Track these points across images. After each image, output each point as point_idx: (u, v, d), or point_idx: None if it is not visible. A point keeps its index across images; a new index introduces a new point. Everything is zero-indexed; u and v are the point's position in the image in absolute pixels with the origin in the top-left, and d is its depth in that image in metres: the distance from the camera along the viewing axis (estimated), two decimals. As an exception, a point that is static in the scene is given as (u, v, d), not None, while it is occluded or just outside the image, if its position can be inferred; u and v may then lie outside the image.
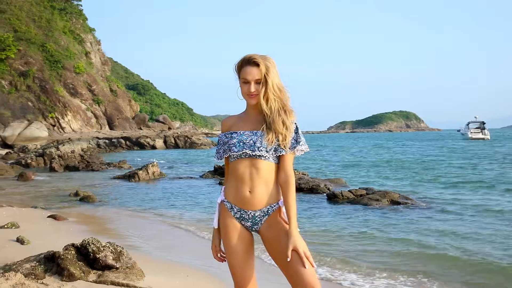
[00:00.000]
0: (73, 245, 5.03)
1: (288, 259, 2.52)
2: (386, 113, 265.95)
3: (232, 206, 2.70)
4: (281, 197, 2.70)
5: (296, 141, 2.70)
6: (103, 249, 5.01)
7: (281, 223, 2.67)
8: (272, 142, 2.62)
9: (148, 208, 11.86)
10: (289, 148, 2.67)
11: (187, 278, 5.60)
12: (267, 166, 2.65)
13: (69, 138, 44.45)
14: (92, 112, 63.74)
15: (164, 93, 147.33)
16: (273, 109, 2.65)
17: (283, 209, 2.69)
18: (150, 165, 19.62)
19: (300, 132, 2.73)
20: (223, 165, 2.56)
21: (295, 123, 2.72)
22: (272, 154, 2.65)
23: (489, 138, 70.59)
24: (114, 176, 19.62)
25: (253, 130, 2.69)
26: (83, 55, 71.87)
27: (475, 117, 76.91)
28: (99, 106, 65.46)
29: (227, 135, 2.75)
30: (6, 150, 36.80)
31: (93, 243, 5.01)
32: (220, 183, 18.60)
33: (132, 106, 76.19)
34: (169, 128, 74.73)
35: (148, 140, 52.02)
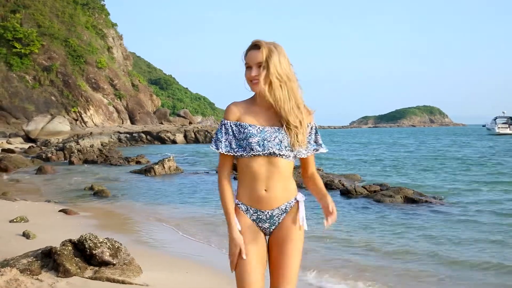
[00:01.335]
0: (70, 240, 5.03)
1: (331, 209, 2.51)
2: (409, 107, 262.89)
3: (247, 208, 2.53)
4: (297, 192, 2.59)
5: (317, 143, 2.61)
6: (100, 245, 5.01)
7: (294, 226, 2.53)
8: (300, 143, 2.50)
9: (160, 204, 11.87)
10: (312, 150, 2.58)
11: (186, 275, 5.58)
12: (286, 164, 2.50)
13: (90, 133, 45.03)
14: (114, 106, 64.48)
15: (186, 88, 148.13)
16: (279, 98, 2.45)
17: (300, 205, 2.57)
18: (166, 159, 19.65)
19: (319, 133, 2.63)
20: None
21: (314, 124, 2.60)
22: (292, 153, 2.52)
23: None
24: (131, 170, 19.75)
25: (273, 125, 2.49)
26: (105, 50, 72.65)
27: (503, 112, 75.66)
28: (120, 100, 66.16)
29: (240, 128, 2.50)
30: (29, 144, 37.37)
31: (90, 239, 5.01)
32: (235, 178, 18.64)
33: (154, 101, 76.78)
34: (190, 123, 75.08)
35: (169, 134, 52.32)
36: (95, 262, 4.95)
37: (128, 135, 50.50)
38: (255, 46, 2.48)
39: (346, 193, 12.85)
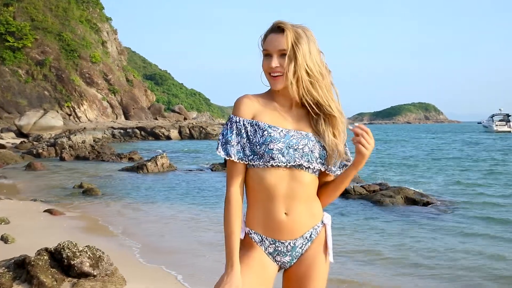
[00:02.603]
0: (46, 249, 4.58)
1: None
2: (404, 104, 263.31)
3: (262, 238, 1.97)
4: (324, 214, 2.06)
5: (346, 154, 2.09)
6: (80, 255, 4.56)
7: (321, 259, 2.01)
8: (342, 155, 1.99)
9: (150, 203, 11.43)
10: (344, 165, 2.04)
11: (175, 284, 5.14)
12: (312, 180, 1.97)
13: (84, 128, 44.41)
14: (108, 101, 63.82)
15: (182, 83, 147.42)
16: (313, 100, 1.94)
17: (328, 229, 2.05)
18: (159, 156, 19.18)
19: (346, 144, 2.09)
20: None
21: None
22: (323, 167, 2.00)
23: None
24: (123, 167, 19.25)
25: (299, 129, 1.95)
26: (100, 44, 71.86)
27: (500, 109, 75.54)
28: (115, 95, 65.49)
29: (257, 129, 1.93)
30: (21, 139, 36.76)
31: (68, 248, 4.56)
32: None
33: (148, 96, 76.15)
34: (185, 119, 74.53)
35: (163, 130, 51.81)
36: (74, 273, 4.50)
37: (122, 131, 49.90)
38: (278, 28, 1.93)
39: (344, 193, 12.45)
